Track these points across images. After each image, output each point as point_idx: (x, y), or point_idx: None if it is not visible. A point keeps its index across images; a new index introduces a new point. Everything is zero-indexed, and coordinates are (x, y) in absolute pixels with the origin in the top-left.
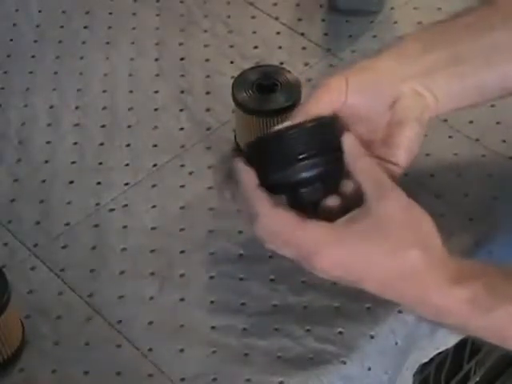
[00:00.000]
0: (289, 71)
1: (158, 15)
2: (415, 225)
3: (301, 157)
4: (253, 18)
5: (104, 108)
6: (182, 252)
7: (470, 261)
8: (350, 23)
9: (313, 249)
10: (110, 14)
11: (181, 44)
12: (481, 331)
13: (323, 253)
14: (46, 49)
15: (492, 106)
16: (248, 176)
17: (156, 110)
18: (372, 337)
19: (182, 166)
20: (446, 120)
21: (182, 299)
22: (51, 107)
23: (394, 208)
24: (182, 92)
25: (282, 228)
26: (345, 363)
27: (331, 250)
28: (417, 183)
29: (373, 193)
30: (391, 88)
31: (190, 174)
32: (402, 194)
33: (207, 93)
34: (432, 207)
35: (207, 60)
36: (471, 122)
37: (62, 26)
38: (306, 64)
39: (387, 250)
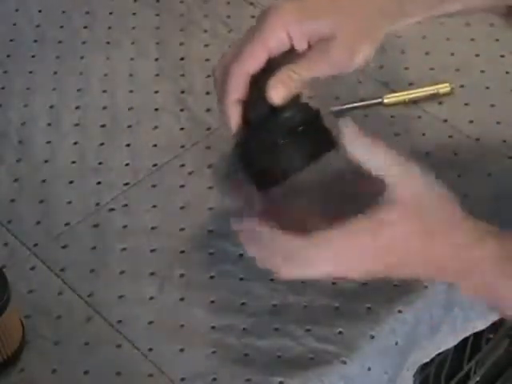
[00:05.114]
0: None
1: (157, 15)
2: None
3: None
4: (253, 17)
5: (104, 108)
6: (181, 252)
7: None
8: None
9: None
10: (110, 14)
11: (181, 44)
12: None
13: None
14: (46, 49)
15: (492, 105)
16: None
17: (156, 110)
18: (372, 337)
19: (182, 165)
20: (446, 120)
21: (181, 299)
22: (51, 107)
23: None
24: (182, 92)
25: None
26: (345, 363)
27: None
28: None
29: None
30: None
31: (190, 173)
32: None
33: (207, 93)
34: None
35: (207, 60)
36: (471, 121)
37: (61, 26)
38: None
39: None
